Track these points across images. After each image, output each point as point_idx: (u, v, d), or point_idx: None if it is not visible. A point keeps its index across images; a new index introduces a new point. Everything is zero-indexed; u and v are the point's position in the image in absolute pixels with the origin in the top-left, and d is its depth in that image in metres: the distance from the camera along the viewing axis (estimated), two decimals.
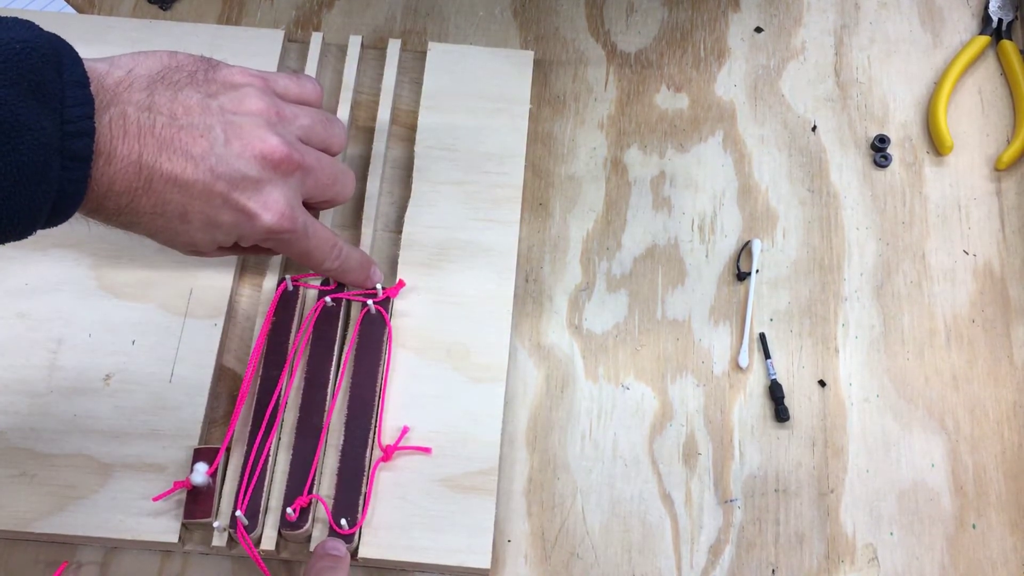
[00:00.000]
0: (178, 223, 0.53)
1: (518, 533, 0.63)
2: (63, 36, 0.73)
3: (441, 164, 0.71)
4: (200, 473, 0.59)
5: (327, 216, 0.69)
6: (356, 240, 0.69)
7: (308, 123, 0.58)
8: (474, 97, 0.73)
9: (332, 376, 0.64)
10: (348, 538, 0.59)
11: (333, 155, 0.60)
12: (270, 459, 0.61)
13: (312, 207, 0.61)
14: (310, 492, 0.60)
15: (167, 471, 0.62)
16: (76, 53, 0.49)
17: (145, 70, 0.52)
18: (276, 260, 0.68)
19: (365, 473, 0.61)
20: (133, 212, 0.51)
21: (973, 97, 0.76)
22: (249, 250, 0.59)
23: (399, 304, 0.67)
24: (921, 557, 0.63)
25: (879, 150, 0.74)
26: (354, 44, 0.74)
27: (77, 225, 0.52)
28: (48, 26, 0.61)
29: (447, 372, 0.65)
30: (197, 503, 0.60)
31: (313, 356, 0.64)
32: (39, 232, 0.57)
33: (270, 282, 0.67)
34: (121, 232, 0.54)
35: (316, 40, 0.74)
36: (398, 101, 0.74)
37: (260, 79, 0.57)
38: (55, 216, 0.49)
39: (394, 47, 0.74)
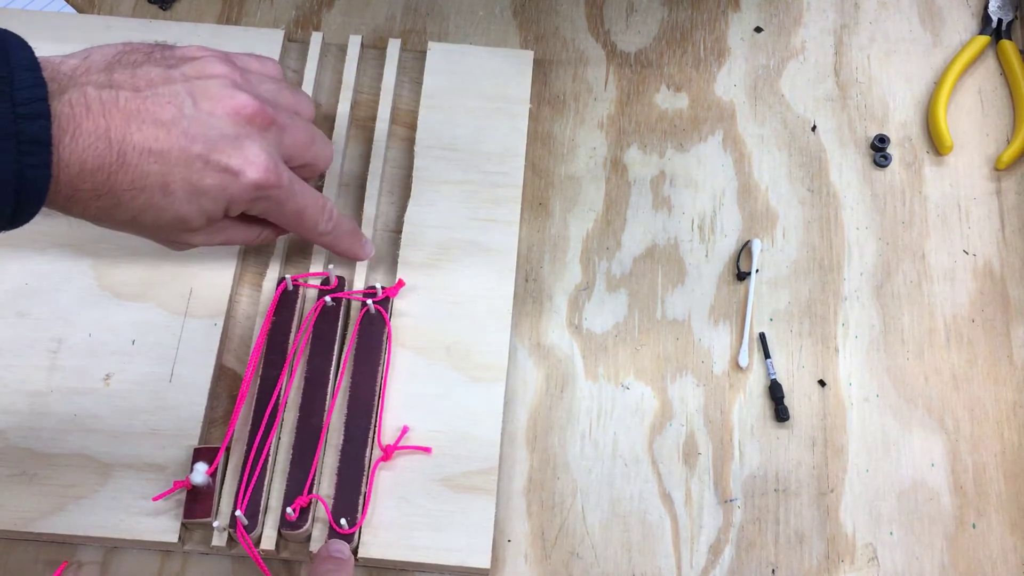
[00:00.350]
0: (161, 197, 0.51)
1: (518, 533, 0.63)
2: (63, 36, 0.74)
3: (441, 164, 0.71)
4: (200, 473, 0.59)
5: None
6: None
7: (274, 87, 0.58)
8: (474, 97, 0.73)
9: (332, 376, 0.64)
10: (348, 538, 0.59)
11: None
12: (270, 459, 0.61)
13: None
14: (310, 492, 0.60)
15: (167, 471, 0.62)
16: (24, 41, 0.47)
17: (100, 56, 0.51)
18: (276, 258, 0.67)
19: (365, 473, 0.61)
20: (111, 192, 0.49)
21: (973, 97, 0.76)
22: (241, 224, 0.58)
23: (399, 304, 0.67)
24: (921, 557, 0.63)
25: (879, 150, 0.74)
26: (354, 44, 0.74)
27: (77, 225, 0.52)
28: (48, 26, 0.61)
29: (447, 372, 0.65)
30: (197, 503, 0.60)
31: (313, 356, 0.64)
32: (39, 232, 0.58)
33: (270, 282, 0.67)
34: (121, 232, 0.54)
35: (316, 40, 0.74)
36: (398, 101, 0.74)
37: (219, 52, 0.57)
38: (21, 208, 0.47)
39: (394, 47, 0.75)
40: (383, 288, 0.66)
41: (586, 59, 0.77)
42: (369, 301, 0.65)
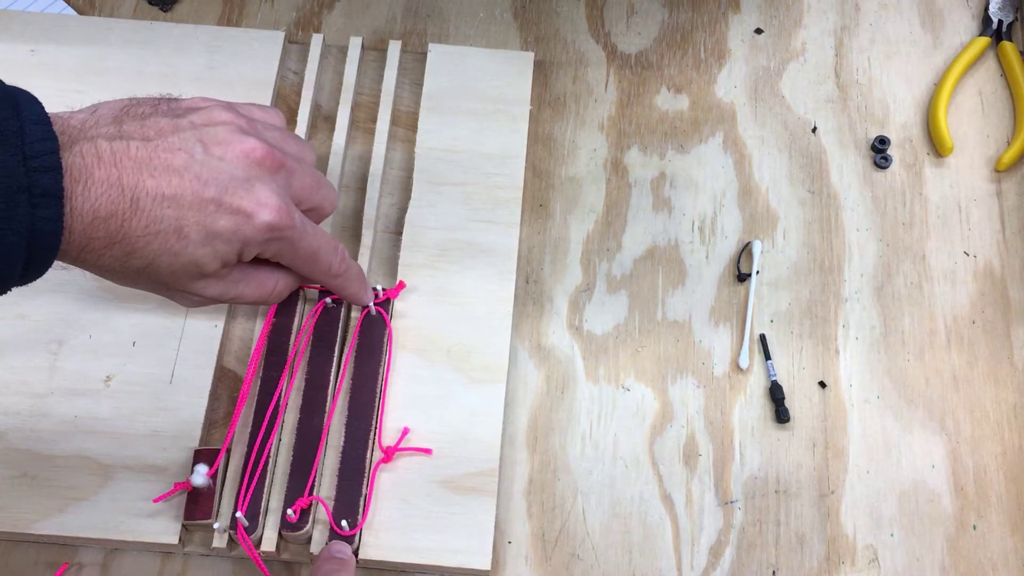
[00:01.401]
0: (175, 241, 0.51)
1: (518, 534, 0.63)
2: (64, 37, 0.74)
3: (441, 165, 0.71)
4: (200, 474, 0.59)
5: (327, 222, 0.69)
6: (356, 241, 0.69)
7: (279, 134, 0.58)
8: (474, 98, 0.73)
9: (332, 377, 0.64)
10: (349, 539, 0.59)
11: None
12: (270, 460, 0.61)
13: None
14: (310, 493, 0.60)
15: (167, 472, 0.62)
16: (33, 97, 0.48)
17: (108, 110, 0.52)
18: None
19: (365, 474, 0.61)
20: (125, 239, 0.49)
21: (973, 98, 0.76)
22: (254, 274, 0.58)
23: (399, 305, 0.67)
24: (922, 558, 0.63)
25: (879, 151, 0.74)
26: (354, 45, 0.74)
27: None
28: (49, 28, 0.61)
29: (447, 373, 0.65)
30: (197, 504, 0.60)
31: (313, 357, 0.64)
32: None
33: None
34: None
35: (316, 41, 0.74)
36: (398, 102, 0.74)
37: (222, 101, 0.57)
38: (33, 262, 0.47)
39: (394, 48, 0.75)
40: (384, 290, 0.66)
41: (586, 61, 0.77)
42: (370, 302, 0.65)
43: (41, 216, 0.46)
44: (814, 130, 0.75)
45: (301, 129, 0.71)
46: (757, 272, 0.70)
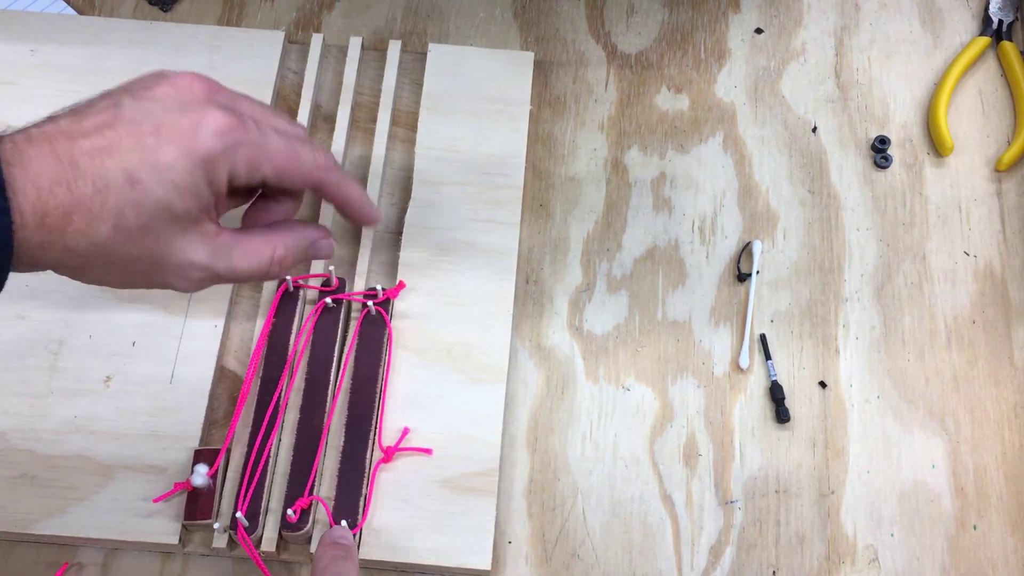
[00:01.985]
0: (130, 189, 0.47)
1: (519, 534, 0.63)
2: (64, 37, 0.74)
3: (441, 165, 0.71)
4: (200, 474, 0.59)
5: (327, 219, 0.69)
6: (356, 241, 0.69)
7: (256, 105, 0.54)
8: (474, 98, 0.73)
9: (332, 377, 0.64)
10: None
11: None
12: (270, 460, 0.61)
13: (273, 186, 0.53)
14: (310, 493, 0.60)
15: (167, 472, 0.62)
16: None
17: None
18: None
19: (365, 474, 0.61)
20: (79, 205, 0.46)
21: (973, 98, 0.76)
22: (248, 238, 0.53)
23: (399, 305, 0.67)
24: (922, 558, 0.63)
25: (879, 151, 0.74)
26: (354, 45, 0.74)
27: None
28: (49, 27, 0.60)
29: (447, 373, 0.65)
30: (197, 504, 0.60)
31: (313, 357, 0.64)
32: None
33: (270, 283, 0.67)
34: None
35: (316, 41, 0.74)
36: (398, 102, 0.74)
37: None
38: None
39: (394, 48, 0.75)
40: (384, 289, 0.66)
41: (586, 60, 0.77)
42: (370, 302, 0.65)
43: None
44: (814, 130, 0.75)
45: None
46: (757, 272, 0.70)
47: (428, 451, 0.62)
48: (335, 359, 0.64)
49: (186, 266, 0.51)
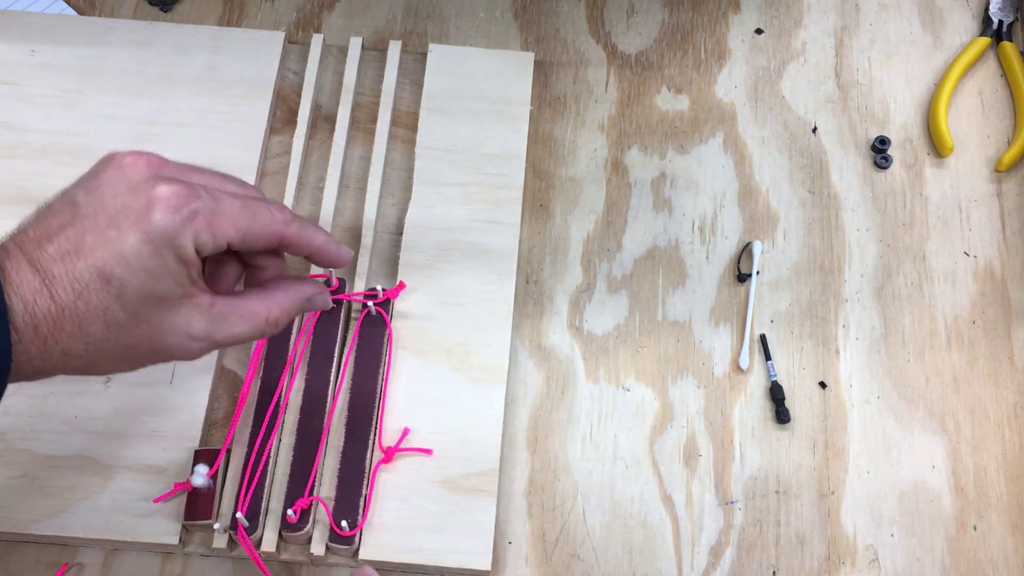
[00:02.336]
0: (106, 286, 0.47)
1: (519, 534, 0.63)
2: (64, 38, 0.74)
3: (442, 165, 0.71)
4: (200, 475, 0.59)
5: (325, 223, 0.69)
6: (357, 241, 0.69)
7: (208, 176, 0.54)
8: (475, 98, 0.73)
9: (333, 378, 0.64)
10: (348, 540, 0.59)
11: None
12: (270, 461, 0.61)
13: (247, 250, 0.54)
14: (311, 494, 0.60)
15: (168, 473, 0.62)
16: None
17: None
18: None
19: (366, 474, 0.61)
20: (64, 312, 0.47)
21: (973, 99, 0.76)
22: (239, 302, 0.53)
23: (400, 305, 0.67)
24: (922, 558, 0.63)
25: (880, 151, 0.74)
26: (355, 46, 0.74)
27: None
28: (49, 28, 0.60)
29: (448, 373, 0.65)
30: (198, 504, 0.60)
31: (313, 358, 0.64)
32: None
33: None
34: None
35: (317, 42, 0.74)
36: (399, 103, 0.74)
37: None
38: None
39: (395, 49, 0.75)
40: (384, 290, 0.66)
41: (587, 61, 0.77)
42: (370, 303, 0.65)
43: None
44: (814, 130, 0.75)
45: (301, 129, 0.72)
46: (757, 272, 0.70)
47: (428, 451, 0.62)
48: (335, 359, 0.64)
49: (185, 341, 0.51)
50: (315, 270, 0.67)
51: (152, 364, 0.52)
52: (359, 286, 0.67)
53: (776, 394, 0.66)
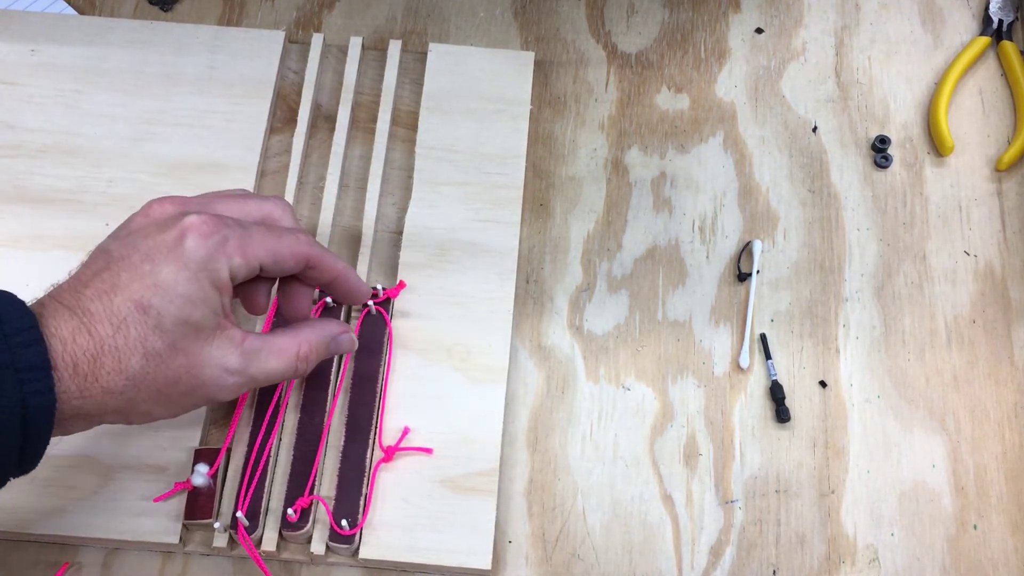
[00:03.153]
0: (144, 317, 0.49)
1: (519, 534, 0.63)
2: (64, 37, 0.74)
3: (442, 165, 0.71)
4: (201, 474, 0.59)
5: (325, 223, 0.69)
6: (357, 240, 0.69)
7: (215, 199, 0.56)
8: (475, 98, 0.73)
9: (333, 377, 0.64)
10: (349, 539, 0.59)
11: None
12: (271, 460, 0.62)
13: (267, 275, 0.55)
14: (311, 493, 0.60)
15: (168, 472, 0.62)
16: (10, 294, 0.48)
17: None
18: None
19: (366, 474, 0.61)
20: (103, 347, 0.48)
21: (974, 98, 0.76)
22: (269, 342, 0.55)
23: (400, 305, 0.67)
24: (922, 558, 0.63)
25: (880, 151, 0.74)
26: (355, 45, 0.74)
27: (77, 223, 0.52)
28: (49, 27, 0.60)
29: (448, 373, 0.65)
30: (198, 504, 0.60)
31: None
32: (42, 232, 0.57)
33: None
34: None
35: (317, 41, 0.74)
36: (399, 102, 0.74)
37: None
38: (30, 444, 0.47)
39: (395, 48, 0.75)
40: (384, 289, 0.66)
41: (587, 60, 0.77)
42: (370, 302, 0.65)
43: (31, 391, 0.46)
44: (814, 130, 0.75)
45: (301, 129, 0.72)
46: (757, 272, 0.70)
47: (428, 451, 0.62)
48: (335, 358, 0.64)
49: (221, 375, 0.52)
50: None
51: (191, 404, 0.53)
52: None
53: (776, 393, 0.66)
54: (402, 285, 0.67)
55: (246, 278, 0.53)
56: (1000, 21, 0.78)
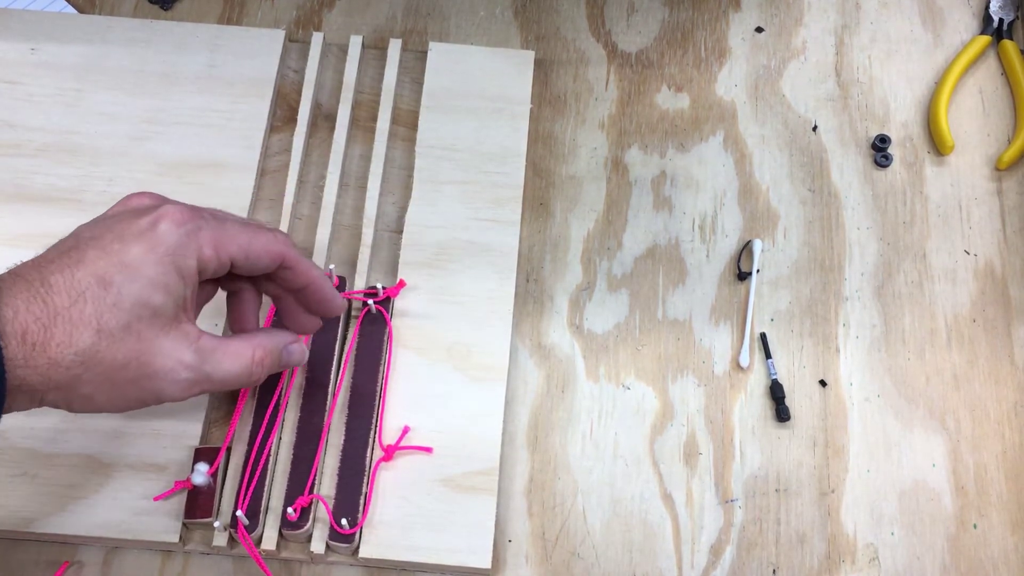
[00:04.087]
0: (104, 292, 0.48)
1: (519, 533, 0.63)
2: (64, 36, 0.74)
3: (442, 164, 0.71)
4: (201, 473, 0.59)
5: (326, 222, 0.69)
6: (357, 239, 0.69)
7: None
8: (475, 97, 0.73)
9: (333, 376, 0.64)
10: (349, 538, 0.60)
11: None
12: (271, 459, 0.62)
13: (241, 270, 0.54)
14: (311, 492, 0.60)
15: (168, 471, 0.62)
16: None
17: None
18: None
19: (366, 473, 0.61)
20: (57, 317, 0.47)
21: (974, 97, 0.76)
22: (226, 339, 0.54)
23: (400, 304, 0.67)
24: (922, 557, 0.63)
25: (880, 150, 0.74)
26: (355, 44, 0.74)
27: (78, 223, 0.52)
28: (49, 26, 0.60)
29: (448, 372, 0.65)
30: (198, 503, 0.60)
31: (314, 355, 0.64)
32: (39, 232, 0.57)
33: None
34: None
35: (317, 40, 0.74)
36: (399, 101, 0.74)
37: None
38: None
39: (395, 47, 0.75)
40: (384, 288, 0.66)
41: (587, 59, 0.77)
42: (370, 301, 0.65)
43: None
44: (815, 129, 0.75)
45: (301, 128, 0.72)
46: (758, 271, 0.70)
47: (428, 450, 0.62)
48: (335, 357, 0.64)
49: (174, 367, 0.51)
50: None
51: (136, 397, 0.51)
52: (359, 284, 0.67)
53: (776, 392, 0.66)
54: (402, 284, 0.67)
55: (216, 273, 0.53)
56: (1000, 20, 0.78)
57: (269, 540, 0.60)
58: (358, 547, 0.60)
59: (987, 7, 0.78)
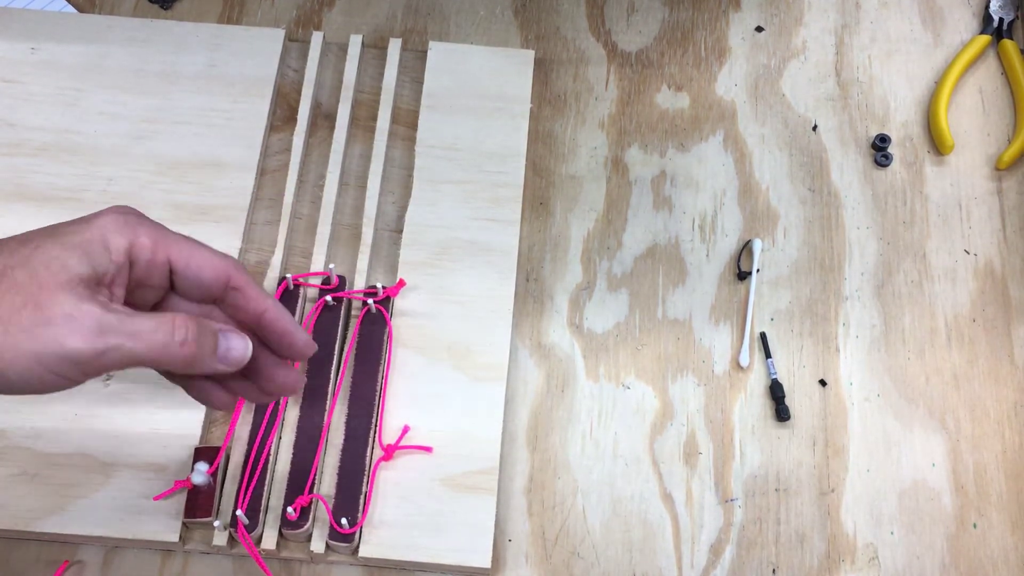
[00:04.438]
0: (19, 245, 0.46)
1: (519, 532, 0.63)
2: (64, 35, 0.74)
3: (442, 163, 0.71)
4: (201, 472, 0.59)
5: (325, 221, 0.69)
6: (357, 239, 0.69)
7: None
8: (475, 96, 0.73)
9: (333, 375, 0.64)
10: (348, 537, 0.59)
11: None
12: (271, 458, 0.62)
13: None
14: (311, 491, 0.60)
15: (168, 470, 0.62)
16: None
17: None
18: (277, 257, 0.68)
19: (366, 472, 0.61)
20: None
21: (974, 96, 0.76)
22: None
23: (400, 303, 0.67)
24: (922, 556, 0.63)
25: (880, 149, 0.74)
26: (355, 43, 0.74)
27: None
28: (49, 25, 0.59)
29: (448, 371, 0.65)
30: (198, 502, 0.60)
31: (313, 355, 0.64)
32: None
33: (271, 281, 0.67)
34: None
35: (317, 39, 0.74)
36: (399, 100, 0.74)
37: None
38: None
39: (395, 46, 0.75)
40: (384, 288, 0.66)
41: (587, 59, 0.77)
42: (370, 300, 0.65)
43: None
44: (815, 128, 0.75)
45: (301, 127, 0.72)
46: (758, 270, 0.70)
47: (428, 449, 0.62)
48: (335, 357, 0.64)
49: (73, 312, 0.45)
50: (315, 266, 0.67)
51: (35, 351, 0.45)
52: (359, 284, 0.67)
53: (776, 392, 0.66)
54: (402, 283, 0.67)
55: (148, 269, 0.49)
56: (1000, 20, 0.78)
57: (269, 540, 0.60)
58: (358, 547, 0.60)
59: (987, 7, 0.78)
